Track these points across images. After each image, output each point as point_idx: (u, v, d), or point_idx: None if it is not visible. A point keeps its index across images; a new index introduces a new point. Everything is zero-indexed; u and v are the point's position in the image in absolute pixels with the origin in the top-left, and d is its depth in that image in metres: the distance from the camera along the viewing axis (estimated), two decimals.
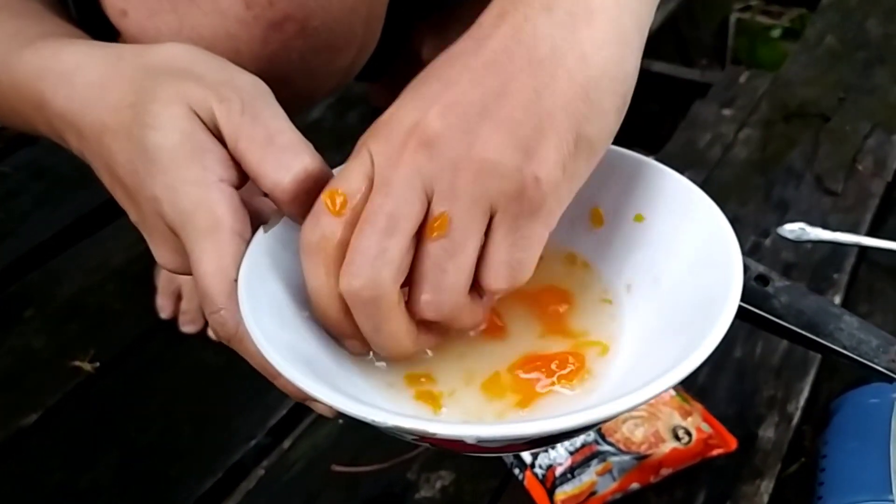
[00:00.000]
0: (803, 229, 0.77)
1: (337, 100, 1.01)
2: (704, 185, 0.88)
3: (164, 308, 0.73)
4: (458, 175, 0.33)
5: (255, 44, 0.47)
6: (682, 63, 1.23)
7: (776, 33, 1.88)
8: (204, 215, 0.36)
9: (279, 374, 0.31)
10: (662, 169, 0.40)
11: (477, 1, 0.92)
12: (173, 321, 0.72)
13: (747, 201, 0.82)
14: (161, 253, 0.39)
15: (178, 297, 0.73)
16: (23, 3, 0.50)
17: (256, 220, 0.37)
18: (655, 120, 1.35)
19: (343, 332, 0.36)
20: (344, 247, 0.33)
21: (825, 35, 1.12)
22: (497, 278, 0.34)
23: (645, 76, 0.36)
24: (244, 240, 0.36)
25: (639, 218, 0.39)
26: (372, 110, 0.99)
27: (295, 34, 0.48)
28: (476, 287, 0.35)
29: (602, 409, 0.28)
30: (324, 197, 0.34)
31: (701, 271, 0.35)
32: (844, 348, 0.40)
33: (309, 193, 0.36)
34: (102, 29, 0.49)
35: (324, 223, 0.34)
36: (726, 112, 0.97)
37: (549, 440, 0.34)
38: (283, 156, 0.36)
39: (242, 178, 0.37)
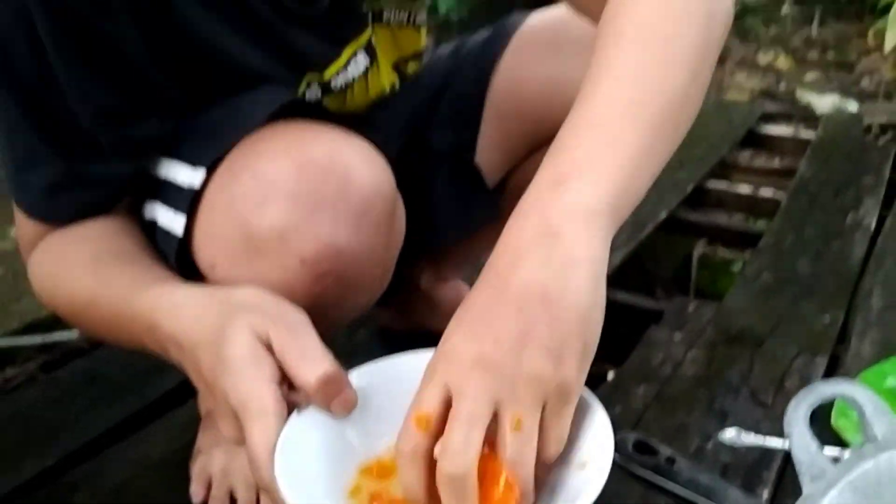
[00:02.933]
0: (739, 435, 0.91)
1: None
2: (657, 398, 1.02)
3: (196, 494, 0.85)
4: (517, 387, 0.48)
5: (304, 288, 0.64)
6: (644, 293, 1.43)
7: (736, 267, 2.11)
8: (256, 403, 0.54)
9: None
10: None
11: (466, 244, 1.12)
12: None
13: (693, 411, 0.97)
14: (226, 428, 0.56)
15: (209, 485, 0.86)
16: (135, 253, 0.69)
17: (293, 407, 0.55)
18: (623, 340, 1.53)
19: None
20: (430, 452, 0.49)
21: (762, 272, 1.32)
22: (552, 447, 0.51)
23: (610, 304, 0.53)
24: (283, 421, 0.54)
25: None
26: (378, 330, 1.16)
27: (333, 282, 0.65)
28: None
29: None
30: (414, 419, 0.49)
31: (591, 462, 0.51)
32: None
33: (328, 389, 0.55)
34: (192, 272, 0.68)
35: (416, 437, 0.49)
36: (677, 335, 1.14)
37: None
38: (312, 364, 0.55)
39: (285, 378, 0.55)
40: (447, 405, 0.49)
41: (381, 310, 1.17)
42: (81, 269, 0.67)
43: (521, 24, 0.92)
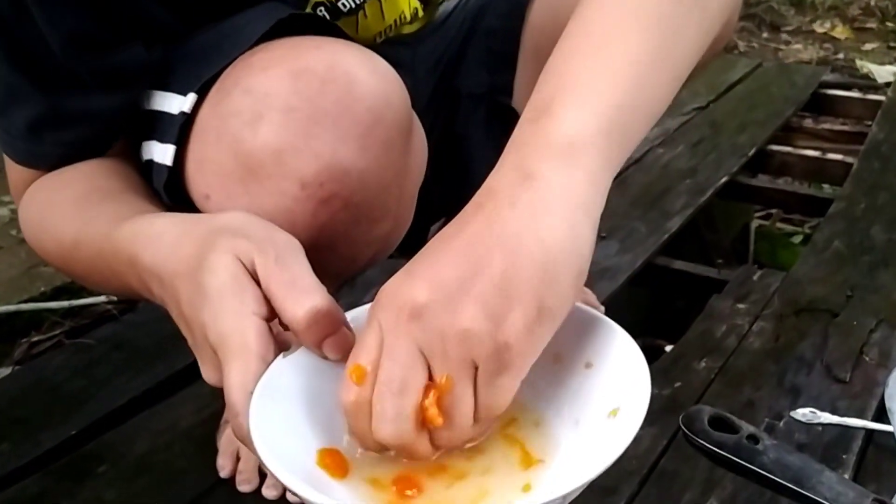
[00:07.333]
0: (814, 413, 0.83)
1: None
2: (721, 372, 0.94)
3: (223, 467, 0.80)
4: (446, 342, 0.42)
5: (307, 216, 0.57)
6: (702, 262, 1.33)
7: (797, 239, 2.00)
8: (236, 339, 0.46)
9: (272, 473, 0.40)
10: (607, 322, 0.48)
11: None
12: (232, 480, 0.79)
13: (761, 386, 0.89)
14: (205, 369, 0.49)
15: (237, 458, 0.80)
16: (124, 191, 0.62)
17: (283, 348, 0.48)
18: (680, 314, 1.44)
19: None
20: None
21: (833, 240, 1.22)
22: (481, 415, 0.43)
23: (667, 273, 0.45)
24: (266, 362, 0.46)
25: (588, 365, 0.47)
26: None
27: (339, 208, 0.58)
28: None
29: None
30: (350, 370, 0.44)
31: (626, 406, 0.44)
32: (825, 499, 0.45)
33: (319, 326, 0.46)
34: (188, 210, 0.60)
35: (353, 391, 0.44)
36: (741, 306, 1.05)
37: None
38: (301, 296, 0.46)
39: (273, 312, 0.47)
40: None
41: None
42: (67, 211, 0.61)
43: None
